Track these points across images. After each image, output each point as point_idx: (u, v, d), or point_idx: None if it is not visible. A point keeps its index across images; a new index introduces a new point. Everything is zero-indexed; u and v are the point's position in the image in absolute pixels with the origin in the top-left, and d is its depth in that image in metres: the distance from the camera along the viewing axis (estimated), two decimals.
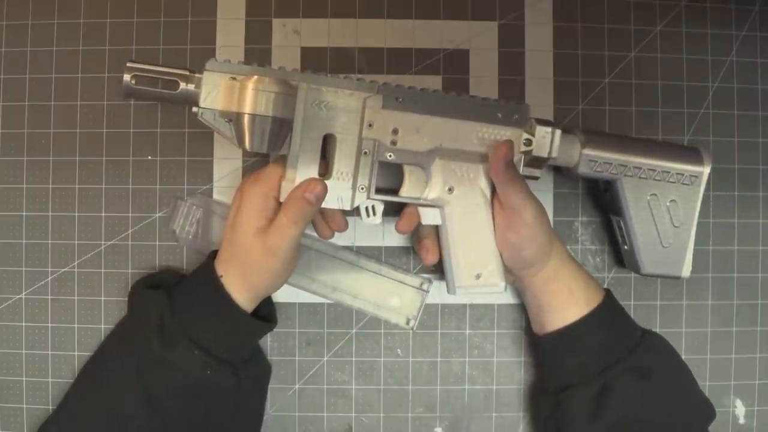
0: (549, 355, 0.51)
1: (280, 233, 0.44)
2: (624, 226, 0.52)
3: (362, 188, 0.46)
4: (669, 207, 0.51)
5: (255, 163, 0.56)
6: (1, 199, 0.55)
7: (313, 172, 0.45)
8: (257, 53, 0.56)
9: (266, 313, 0.50)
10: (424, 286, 0.55)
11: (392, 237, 0.56)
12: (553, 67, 0.57)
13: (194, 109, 0.44)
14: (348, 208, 0.47)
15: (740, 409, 0.56)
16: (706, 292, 0.56)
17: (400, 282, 0.55)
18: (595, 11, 0.57)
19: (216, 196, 0.55)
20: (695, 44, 0.57)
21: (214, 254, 0.49)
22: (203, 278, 0.47)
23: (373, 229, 0.56)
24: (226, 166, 0.56)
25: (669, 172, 0.50)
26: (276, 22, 0.56)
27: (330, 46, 0.56)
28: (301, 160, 0.45)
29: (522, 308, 0.56)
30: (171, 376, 0.46)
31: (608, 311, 0.49)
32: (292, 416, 0.55)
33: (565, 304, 0.49)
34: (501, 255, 0.48)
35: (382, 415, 0.56)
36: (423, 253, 0.50)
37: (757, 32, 0.57)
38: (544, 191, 0.56)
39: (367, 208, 0.47)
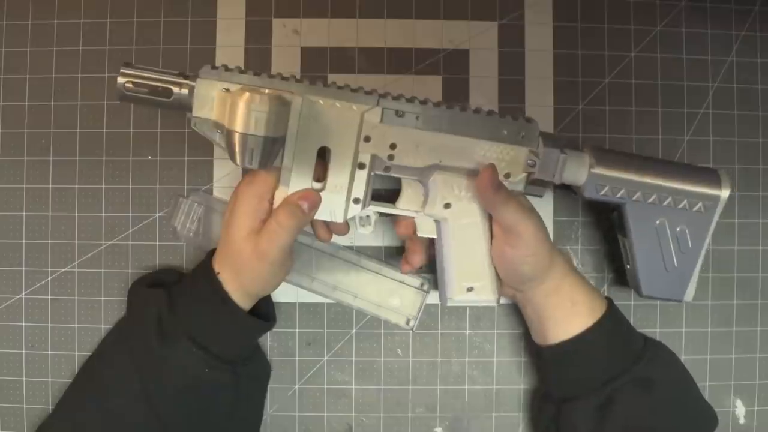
0: (552, 367, 0.50)
1: (269, 238, 0.44)
2: (628, 247, 0.50)
3: (356, 201, 0.45)
4: (677, 234, 0.49)
5: None
6: (1, 199, 0.55)
7: (307, 184, 0.44)
8: (257, 53, 0.56)
9: (265, 312, 0.50)
10: (425, 287, 0.55)
11: (392, 237, 0.56)
12: (553, 67, 0.57)
13: (188, 115, 0.43)
14: (340, 221, 0.46)
15: (740, 409, 0.56)
16: (706, 292, 0.56)
17: (401, 282, 0.55)
18: (595, 11, 0.57)
19: (216, 195, 0.55)
20: (695, 44, 0.57)
21: (212, 252, 0.49)
22: (202, 277, 0.47)
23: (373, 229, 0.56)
24: (226, 165, 0.56)
25: (681, 198, 0.48)
26: (276, 22, 0.56)
27: (330, 46, 0.56)
28: (295, 173, 0.44)
29: None
30: (170, 374, 0.46)
31: (612, 322, 0.49)
32: (292, 416, 0.55)
33: (569, 316, 0.48)
34: (498, 270, 0.48)
35: (382, 415, 0.56)
36: (409, 255, 0.50)
37: (757, 32, 0.57)
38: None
39: (361, 218, 0.47)
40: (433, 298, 0.56)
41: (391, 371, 0.56)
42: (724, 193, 0.49)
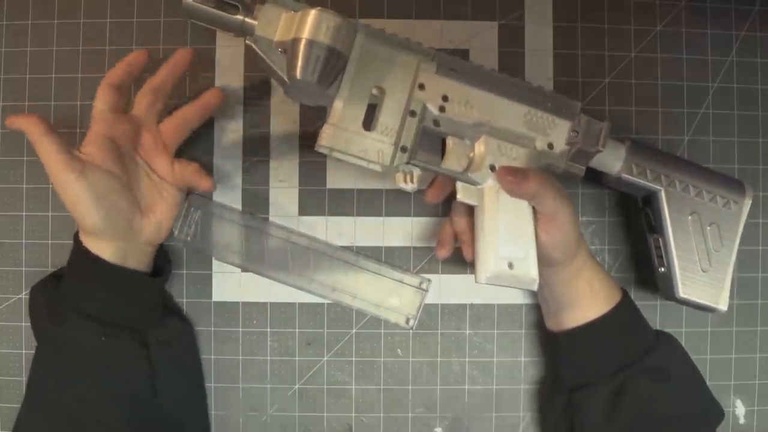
0: (566, 353, 0.50)
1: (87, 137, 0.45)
2: (662, 245, 0.50)
3: (404, 149, 0.44)
4: (709, 229, 0.49)
5: (255, 163, 0.55)
6: (1, 199, 0.55)
7: (359, 119, 0.44)
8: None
9: (156, 269, 0.50)
10: (423, 286, 0.55)
11: (392, 237, 0.56)
12: (553, 67, 0.57)
13: (247, 40, 0.43)
14: (387, 163, 0.44)
15: (740, 409, 0.56)
16: None
17: (399, 281, 0.55)
18: (595, 11, 0.57)
19: (216, 196, 0.55)
20: (695, 44, 0.57)
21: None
22: (72, 248, 0.48)
23: (373, 229, 0.56)
24: (226, 166, 0.56)
25: (711, 193, 0.49)
26: None
27: None
28: (348, 104, 0.44)
29: (522, 307, 0.56)
30: (70, 352, 0.45)
31: (627, 310, 0.49)
32: (292, 416, 0.55)
33: (586, 302, 0.48)
34: None
35: (382, 415, 0.56)
36: (464, 247, 0.49)
37: (757, 32, 0.57)
38: None
39: (405, 173, 0.45)
40: (432, 297, 0.56)
41: (391, 371, 0.56)
42: (748, 201, 0.50)
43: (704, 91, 0.57)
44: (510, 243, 0.45)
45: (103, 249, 0.46)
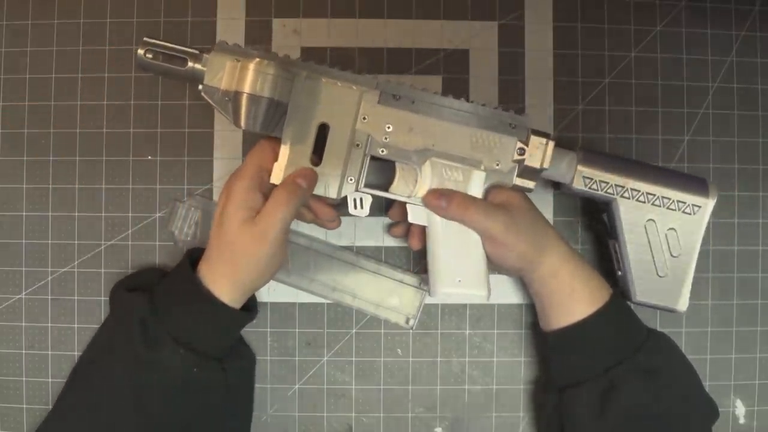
0: (555, 352, 0.51)
1: (270, 217, 0.44)
2: (618, 250, 0.50)
3: (351, 179, 0.47)
4: (667, 235, 0.49)
5: None
6: (1, 199, 0.55)
7: (305, 158, 0.46)
8: None
9: (247, 303, 0.50)
10: (423, 285, 0.55)
11: (392, 237, 0.56)
12: (553, 67, 0.57)
13: (199, 86, 0.45)
14: (334, 197, 0.47)
15: (740, 409, 0.56)
16: (706, 292, 0.56)
17: (399, 281, 0.55)
18: (595, 11, 0.57)
19: (216, 196, 0.55)
20: (695, 44, 0.57)
21: (190, 252, 0.49)
22: (181, 276, 0.47)
23: (373, 229, 0.56)
24: (226, 165, 0.56)
25: (669, 199, 0.49)
26: (276, 22, 0.56)
27: (330, 46, 0.56)
28: (294, 145, 0.46)
29: (522, 307, 0.56)
30: (159, 377, 0.45)
31: (614, 310, 0.49)
32: (292, 416, 0.55)
33: (568, 302, 0.48)
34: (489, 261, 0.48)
35: (382, 415, 0.56)
36: (410, 238, 0.51)
37: (757, 32, 0.57)
38: (545, 191, 0.56)
39: (355, 200, 0.47)
40: (432, 297, 0.56)
41: (391, 371, 0.56)
42: (711, 202, 0.49)
43: (704, 91, 0.57)
44: (457, 261, 0.48)
45: (228, 295, 0.46)
